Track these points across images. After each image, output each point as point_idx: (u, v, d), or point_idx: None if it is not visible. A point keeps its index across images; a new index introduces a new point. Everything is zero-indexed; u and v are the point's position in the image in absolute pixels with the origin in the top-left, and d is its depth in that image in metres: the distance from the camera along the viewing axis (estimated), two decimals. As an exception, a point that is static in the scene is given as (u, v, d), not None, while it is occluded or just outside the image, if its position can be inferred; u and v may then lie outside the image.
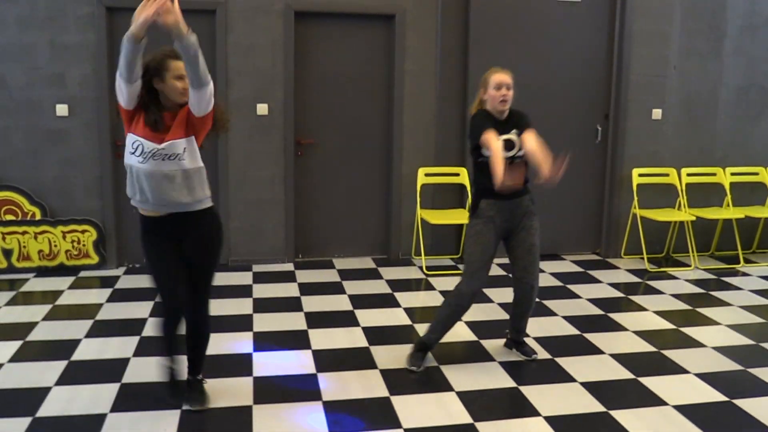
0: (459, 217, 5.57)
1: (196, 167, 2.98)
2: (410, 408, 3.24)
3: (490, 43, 5.60)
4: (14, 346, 3.88)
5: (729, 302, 4.84)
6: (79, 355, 3.79)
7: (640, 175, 5.80)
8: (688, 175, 5.91)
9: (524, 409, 3.25)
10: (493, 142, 3.38)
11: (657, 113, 5.83)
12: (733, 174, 6.00)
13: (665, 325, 4.39)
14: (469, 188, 5.63)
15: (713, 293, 5.05)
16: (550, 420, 3.13)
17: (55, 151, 5.17)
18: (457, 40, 5.61)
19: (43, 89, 5.08)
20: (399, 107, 5.62)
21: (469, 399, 3.33)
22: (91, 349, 3.87)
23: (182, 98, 2.93)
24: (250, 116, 5.36)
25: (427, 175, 5.64)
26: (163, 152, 2.89)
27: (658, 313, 4.60)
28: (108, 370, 3.59)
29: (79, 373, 3.56)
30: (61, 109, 5.12)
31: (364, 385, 3.48)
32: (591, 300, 4.85)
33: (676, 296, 4.96)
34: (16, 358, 3.73)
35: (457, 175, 5.68)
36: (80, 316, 4.38)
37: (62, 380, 3.47)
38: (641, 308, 4.69)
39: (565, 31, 5.74)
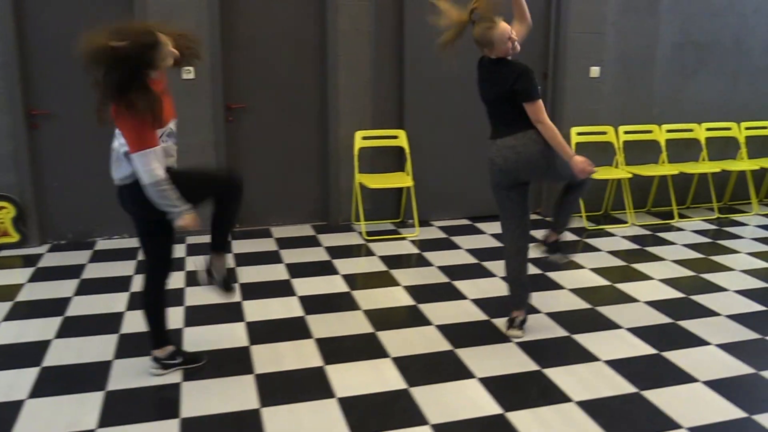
0: (398, 180, 5.49)
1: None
2: (345, 377, 3.17)
3: (426, 1, 5.46)
4: (-75, 331, 3.66)
5: (662, 257, 4.91)
6: (-5, 339, 3.60)
7: (579, 133, 5.79)
8: (626, 132, 5.94)
9: (459, 371, 3.22)
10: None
11: (595, 71, 5.81)
12: (668, 131, 6.06)
13: (601, 281, 4.42)
14: (408, 151, 5.54)
15: (648, 249, 5.12)
16: (485, 381, 3.12)
17: (-37, 124, 4.86)
18: (392, -3, 5.46)
19: (-55, 56, 4.74)
20: (334, 68, 5.45)
21: (404, 364, 3.28)
22: (8, 333, 3.66)
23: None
24: (175, 80, 5.08)
25: (364, 138, 5.52)
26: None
27: (594, 270, 4.63)
28: (27, 354, 3.41)
29: (-5, 359, 3.38)
30: (-33, 78, 4.79)
31: (299, 355, 3.39)
32: (529, 259, 4.84)
33: (613, 253, 5.01)
34: (-74, 344, 3.52)
35: (396, 137, 5.58)
36: (-2, 297, 4.17)
37: (-23, 366, 3.29)
38: (579, 266, 4.71)
39: (501, -12, 5.63)
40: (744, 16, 6.13)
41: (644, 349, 3.46)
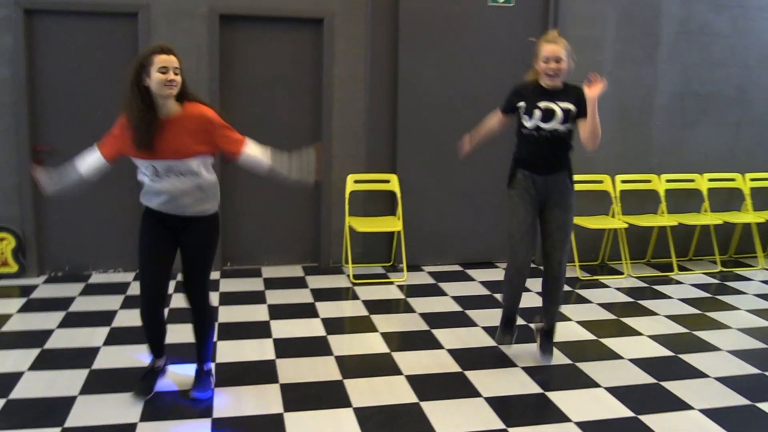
0: (389, 224, 5.47)
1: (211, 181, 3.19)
2: (301, 425, 3.11)
3: (421, 49, 5.52)
4: None
5: (656, 312, 4.77)
6: (-32, 369, 3.63)
7: (574, 181, 5.71)
8: (623, 182, 5.86)
9: (420, 426, 3.13)
10: (487, 120, 3.80)
11: (592, 119, 5.76)
12: (668, 181, 5.97)
13: (587, 336, 4.31)
14: (399, 195, 5.54)
15: (641, 302, 4.98)
16: (443, 438, 3.04)
17: (-30, 157, 5.00)
18: (387, 45, 5.51)
19: (-44, 93, 4.91)
20: (328, 113, 5.50)
21: (365, 416, 3.21)
22: (-17, 363, 3.71)
23: (166, 90, 2.96)
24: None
25: (356, 181, 5.53)
26: (177, 168, 3.04)
27: (581, 323, 4.52)
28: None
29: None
30: (-25, 114, 4.95)
31: (261, 401, 3.34)
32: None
33: (604, 306, 4.89)
34: None
35: (388, 182, 5.58)
36: (-16, 327, 4.21)
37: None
38: (566, 318, 4.59)
39: (498, 36, 5.67)
40: (747, 66, 6.07)
41: (621, 411, 3.31)
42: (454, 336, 4.23)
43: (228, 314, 4.55)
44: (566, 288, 5.23)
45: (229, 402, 3.32)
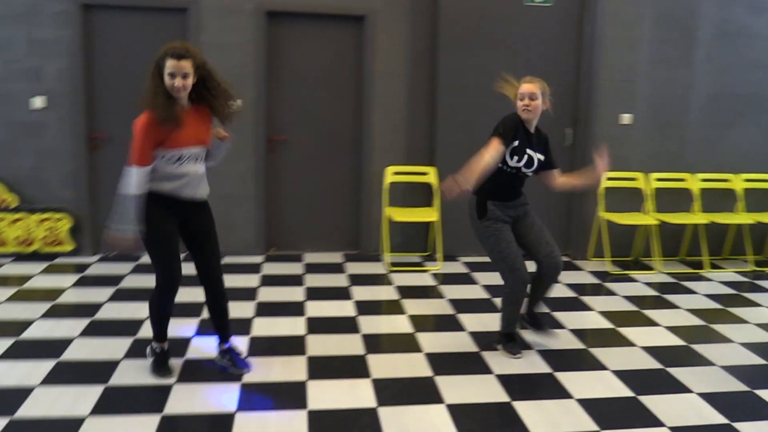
0: (426, 215, 5.69)
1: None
2: (322, 392, 3.36)
3: (460, 46, 5.71)
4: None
5: (678, 305, 4.85)
6: (28, 334, 4.00)
7: (608, 178, 5.82)
8: (657, 180, 5.92)
9: (431, 396, 3.35)
10: (487, 153, 3.60)
11: (626, 118, 5.85)
12: (702, 180, 5.99)
13: (605, 324, 4.43)
14: (437, 187, 5.73)
15: (666, 296, 5.06)
16: (451, 407, 3.23)
17: (32, 143, 5.43)
18: (427, 42, 5.73)
19: (19, 83, 5.33)
20: (369, 107, 5.75)
21: (381, 386, 3.44)
22: (41, 329, 4.08)
23: (174, 93, 3.20)
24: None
25: (395, 173, 5.76)
26: (198, 155, 3.33)
27: (602, 313, 4.64)
28: (50, 348, 3.79)
29: (21, 351, 3.76)
30: (37, 102, 5.37)
31: (288, 370, 3.61)
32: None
33: (628, 298, 4.99)
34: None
35: (426, 174, 5.79)
36: (42, 299, 4.60)
37: (6, 355, 3.68)
38: (587, 308, 4.73)
39: (535, 35, 5.81)
40: (787, 68, 6.04)
41: (622, 391, 3.46)
42: (477, 320, 4.42)
43: (266, 294, 4.84)
44: (595, 281, 5.39)
45: (259, 369, 3.59)
